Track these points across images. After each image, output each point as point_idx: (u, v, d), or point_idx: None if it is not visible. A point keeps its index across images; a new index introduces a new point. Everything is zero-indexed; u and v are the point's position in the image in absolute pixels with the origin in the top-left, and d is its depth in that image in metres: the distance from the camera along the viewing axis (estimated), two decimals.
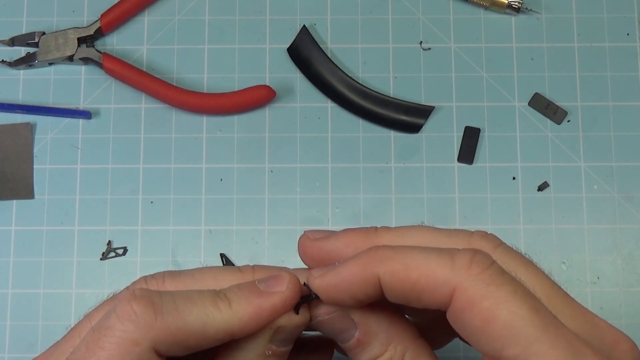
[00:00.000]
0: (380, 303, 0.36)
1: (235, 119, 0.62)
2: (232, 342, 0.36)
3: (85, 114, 0.61)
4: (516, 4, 0.62)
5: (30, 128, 0.61)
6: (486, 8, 0.63)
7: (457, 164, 0.61)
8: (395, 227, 0.38)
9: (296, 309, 0.36)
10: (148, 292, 0.34)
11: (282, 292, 0.36)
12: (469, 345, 0.34)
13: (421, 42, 0.63)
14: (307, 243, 0.38)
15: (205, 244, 0.60)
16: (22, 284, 0.59)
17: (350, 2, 0.64)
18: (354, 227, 0.39)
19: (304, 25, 0.63)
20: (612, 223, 0.60)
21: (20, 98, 0.62)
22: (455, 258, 0.33)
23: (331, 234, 0.38)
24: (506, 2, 0.62)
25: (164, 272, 0.38)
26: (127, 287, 0.37)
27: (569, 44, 0.63)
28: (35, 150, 0.61)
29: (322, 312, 0.37)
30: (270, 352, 0.36)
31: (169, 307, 0.34)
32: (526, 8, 0.63)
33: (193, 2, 0.64)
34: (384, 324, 0.37)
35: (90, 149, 0.61)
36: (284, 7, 0.63)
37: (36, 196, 0.60)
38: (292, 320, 0.36)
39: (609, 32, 0.63)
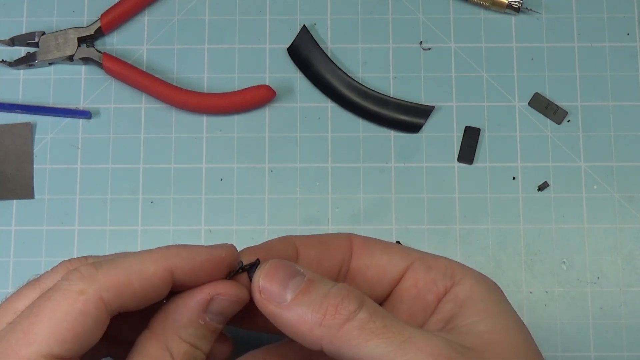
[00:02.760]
0: None
1: (235, 119, 0.62)
2: (171, 303, 0.37)
3: (85, 114, 0.61)
4: (516, 4, 0.62)
5: (30, 128, 0.61)
6: (486, 8, 0.63)
7: (457, 164, 0.61)
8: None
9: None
10: (85, 258, 0.39)
11: (219, 246, 0.39)
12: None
13: (421, 42, 0.63)
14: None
15: (205, 244, 0.59)
16: (22, 284, 0.59)
17: (350, 2, 0.64)
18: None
19: (304, 25, 0.63)
20: (612, 223, 0.60)
21: (20, 98, 0.62)
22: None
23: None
24: (506, 2, 0.62)
25: (86, 255, 0.40)
26: (53, 268, 0.39)
27: (569, 44, 0.63)
28: (35, 150, 0.61)
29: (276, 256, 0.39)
30: (203, 322, 0.37)
31: (106, 260, 0.36)
32: (526, 8, 0.63)
33: (193, 2, 0.64)
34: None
35: (90, 149, 0.61)
36: (284, 7, 0.63)
37: (36, 196, 0.60)
38: (228, 288, 0.38)
39: (609, 32, 0.63)
